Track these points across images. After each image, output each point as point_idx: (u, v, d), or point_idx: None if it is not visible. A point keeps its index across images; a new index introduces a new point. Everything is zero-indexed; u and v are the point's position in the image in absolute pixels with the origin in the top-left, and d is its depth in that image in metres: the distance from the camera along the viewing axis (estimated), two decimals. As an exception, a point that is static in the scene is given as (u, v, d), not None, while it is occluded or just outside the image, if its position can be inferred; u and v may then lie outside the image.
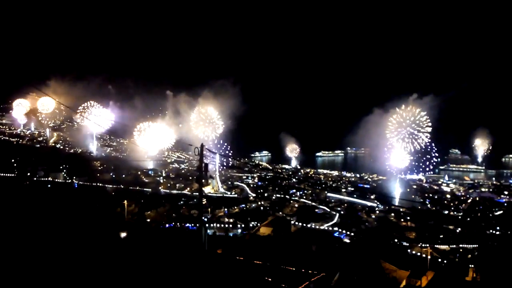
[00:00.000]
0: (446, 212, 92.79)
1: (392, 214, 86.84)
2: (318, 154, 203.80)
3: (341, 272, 31.48)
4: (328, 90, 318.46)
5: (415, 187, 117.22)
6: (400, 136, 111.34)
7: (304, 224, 77.02)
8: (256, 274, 25.24)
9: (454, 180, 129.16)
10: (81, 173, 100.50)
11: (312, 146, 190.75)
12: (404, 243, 69.16)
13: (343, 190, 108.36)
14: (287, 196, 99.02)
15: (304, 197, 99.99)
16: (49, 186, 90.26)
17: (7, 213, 35.64)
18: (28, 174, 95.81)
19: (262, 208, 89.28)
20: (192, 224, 69.29)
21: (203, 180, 25.19)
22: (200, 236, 24.11)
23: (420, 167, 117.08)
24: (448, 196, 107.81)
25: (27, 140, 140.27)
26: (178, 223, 72.20)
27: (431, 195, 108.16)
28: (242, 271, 26.16)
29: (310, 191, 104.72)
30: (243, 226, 75.20)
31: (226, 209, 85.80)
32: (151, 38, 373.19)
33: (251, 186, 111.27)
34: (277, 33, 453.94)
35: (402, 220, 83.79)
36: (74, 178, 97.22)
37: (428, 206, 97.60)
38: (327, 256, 39.32)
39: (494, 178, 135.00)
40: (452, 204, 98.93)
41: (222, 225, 75.96)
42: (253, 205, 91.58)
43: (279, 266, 27.83)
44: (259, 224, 69.09)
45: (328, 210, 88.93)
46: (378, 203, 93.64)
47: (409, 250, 65.71)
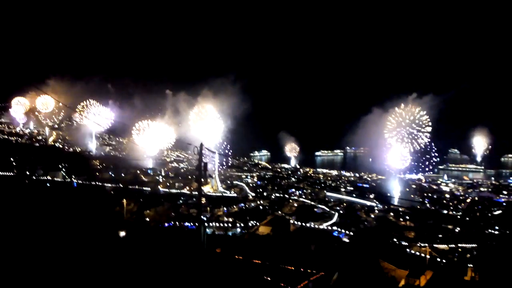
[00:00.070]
0: (445, 211, 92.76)
1: (391, 214, 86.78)
2: (317, 154, 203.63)
3: (340, 272, 31.58)
4: (327, 89, 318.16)
5: (414, 186, 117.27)
6: (399, 135, 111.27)
7: (303, 224, 77.05)
8: (255, 273, 25.27)
9: (453, 180, 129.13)
10: (80, 172, 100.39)
11: (312, 145, 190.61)
12: (403, 243, 69.12)
13: (342, 190, 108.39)
14: (286, 196, 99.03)
15: (303, 196, 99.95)
16: (48, 185, 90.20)
17: (6, 212, 35.64)
18: (27, 173, 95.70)
19: (261, 207, 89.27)
20: (191, 223, 69.28)
21: (202, 179, 25.11)
22: (199, 235, 24.10)
23: (419, 166, 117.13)
24: (447, 195, 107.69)
25: (26, 139, 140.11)
26: (177, 222, 72.23)
27: (430, 194, 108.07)
28: (241, 270, 26.19)
29: (309, 191, 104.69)
30: (242, 225, 75.25)
31: (225, 208, 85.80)
32: (150, 36, 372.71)
33: (251, 185, 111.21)
34: (276, 32, 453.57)
35: (401, 219, 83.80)
36: (73, 177, 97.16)
37: (427, 205, 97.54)
38: (326, 256, 39.48)
39: (493, 178, 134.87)
40: (451, 203, 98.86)
41: (221, 224, 76.00)
42: (252, 204, 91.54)
43: (278, 265, 27.90)
44: (258, 223, 69.13)
45: (327, 209, 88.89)
46: (377, 202, 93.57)
47: (408, 250, 65.76)
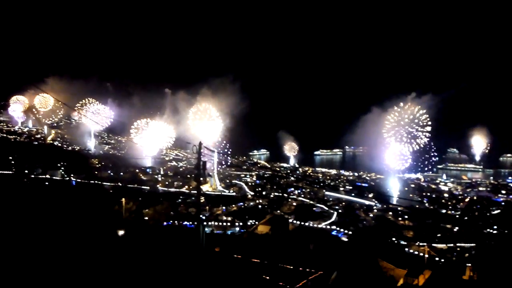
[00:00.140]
0: (444, 211, 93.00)
1: (390, 213, 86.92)
2: (316, 153, 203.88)
3: (338, 271, 31.59)
4: (326, 88, 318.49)
5: (413, 186, 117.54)
6: (397, 135, 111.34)
7: (302, 223, 77.12)
8: (254, 272, 25.26)
9: (452, 179, 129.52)
10: (79, 170, 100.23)
11: (311, 144, 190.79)
12: (402, 242, 69.30)
13: (341, 189, 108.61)
14: (285, 195, 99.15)
15: (302, 195, 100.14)
16: (46, 183, 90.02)
17: (4, 210, 35.57)
18: (26, 171, 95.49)
19: (260, 206, 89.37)
20: (190, 222, 69.28)
21: (201, 178, 25.09)
22: (198, 234, 24.05)
23: (418, 166, 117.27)
24: (445, 195, 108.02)
25: (24, 138, 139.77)
26: (176, 221, 72.25)
27: (429, 194, 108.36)
28: (240, 270, 26.19)
29: (308, 190, 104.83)
30: (241, 224, 75.33)
31: (224, 207, 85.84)
32: (149, 35, 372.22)
33: (249, 184, 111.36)
34: (275, 31, 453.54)
35: (400, 218, 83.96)
36: (72, 175, 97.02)
37: (426, 205, 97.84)
38: (324, 255, 39.44)
39: (491, 177, 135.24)
40: (449, 203, 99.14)
41: (220, 223, 76.08)
42: (251, 203, 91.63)
43: (277, 264, 27.88)
44: (257, 222, 69.31)
45: (326, 208, 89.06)
46: (376, 201, 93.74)
47: (406, 249, 65.90)
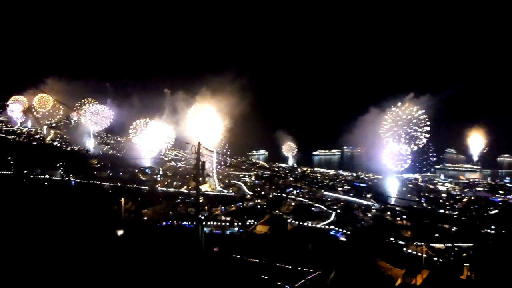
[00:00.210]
0: (442, 211, 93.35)
1: (388, 213, 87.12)
2: (315, 153, 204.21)
3: (337, 270, 31.80)
4: (325, 89, 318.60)
5: (411, 186, 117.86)
6: (395, 135, 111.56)
7: (301, 223, 77.28)
8: (253, 272, 25.42)
9: (450, 180, 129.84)
10: (78, 171, 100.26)
11: (309, 144, 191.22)
12: (400, 242, 69.55)
13: (340, 189, 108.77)
14: (283, 195, 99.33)
15: (301, 195, 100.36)
16: (45, 183, 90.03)
17: (3, 210, 35.69)
18: (25, 171, 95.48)
19: (259, 206, 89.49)
20: (189, 222, 69.46)
21: (200, 178, 25.25)
22: (197, 234, 24.20)
23: (416, 166, 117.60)
24: (443, 195, 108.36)
25: (23, 138, 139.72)
26: (175, 221, 72.37)
27: (426, 194, 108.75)
28: (238, 269, 26.36)
29: (306, 190, 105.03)
30: (240, 224, 75.46)
31: (223, 207, 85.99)
32: (148, 35, 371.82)
33: (248, 184, 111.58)
34: (273, 31, 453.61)
35: (398, 218, 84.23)
36: (71, 176, 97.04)
37: (424, 205, 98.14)
38: (323, 254, 39.70)
39: (489, 178, 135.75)
40: (447, 203, 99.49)
41: (219, 223, 76.17)
42: (250, 203, 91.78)
43: (275, 264, 28.05)
44: (255, 222, 69.45)
45: (325, 208, 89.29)
46: (374, 201, 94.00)
47: (404, 249, 66.13)
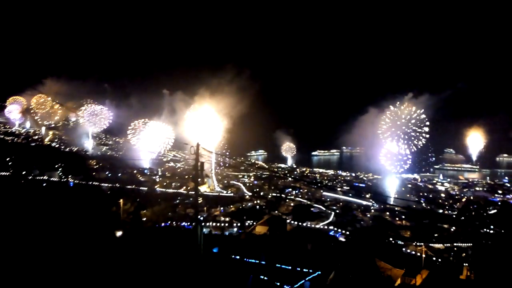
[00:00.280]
0: (441, 211, 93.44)
1: (387, 213, 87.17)
2: (314, 153, 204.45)
3: (336, 271, 31.74)
4: (324, 89, 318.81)
5: (410, 186, 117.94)
6: (394, 135, 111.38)
7: (300, 223, 77.17)
8: (252, 273, 25.35)
9: (449, 180, 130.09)
10: (76, 172, 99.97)
11: (308, 145, 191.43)
12: (399, 242, 69.47)
13: (339, 189, 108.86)
14: (283, 195, 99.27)
15: (300, 196, 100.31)
16: (44, 185, 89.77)
17: (2, 211, 35.54)
18: (23, 172, 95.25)
19: (258, 207, 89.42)
20: (188, 223, 69.28)
21: (199, 179, 25.17)
22: (196, 235, 24.12)
23: (415, 166, 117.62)
24: (442, 195, 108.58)
25: (22, 139, 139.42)
26: (174, 222, 72.16)
27: (426, 194, 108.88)
28: (237, 270, 26.28)
29: (305, 190, 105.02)
30: (239, 225, 75.24)
31: (222, 208, 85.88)
32: (146, 35, 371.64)
33: (247, 185, 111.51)
34: (272, 32, 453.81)
35: (397, 219, 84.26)
36: (70, 177, 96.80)
37: (423, 205, 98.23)
38: (322, 255, 39.61)
39: (488, 178, 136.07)
40: (446, 203, 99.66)
41: (218, 224, 76.03)
42: (249, 204, 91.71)
43: (275, 264, 28.00)
44: (255, 223, 69.37)
45: (324, 209, 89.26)
46: (373, 202, 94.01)
47: (404, 249, 66.04)
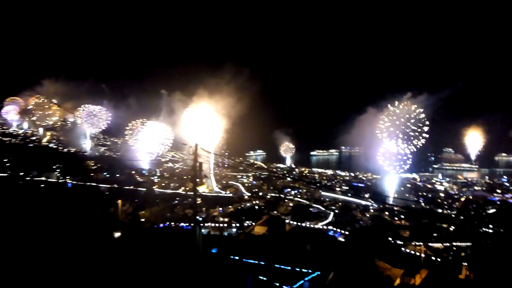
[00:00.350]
0: (440, 210, 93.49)
1: (386, 213, 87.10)
2: (312, 153, 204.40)
3: (335, 271, 31.58)
4: (322, 89, 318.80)
5: (409, 186, 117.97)
6: (393, 135, 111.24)
7: (299, 223, 77.05)
8: (251, 273, 25.22)
9: (448, 179, 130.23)
10: (74, 172, 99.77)
11: (307, 145, 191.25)
12: (398, 242, 69.38)
13: (338, 189, 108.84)
14: (281, 195, 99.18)
15: (299, 196, 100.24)
16: (42, 185, 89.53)
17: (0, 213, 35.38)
18: (21, 173, 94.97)
19: (256, 207, 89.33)
20: (187, 224, 69.13)
21: (198, 180, 25.07)
22: (194, 235, 24.01)
23: (414, 166, 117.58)
24: (441, 194, 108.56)
25: (20, 140, 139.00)
26: (173, 223, 72.00)
27: (425, 193, 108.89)
28: (236, 271, 26.14)
29: (304, 190, 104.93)
30: (237, 225, 75.08)
31: (220, 208, 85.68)
32: (145, 35, 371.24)
33: (246, 185, 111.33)
34: (271, 31, 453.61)
35: (396, 218, 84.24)
36: (68, 177, 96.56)
37: (422, 204, 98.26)
38: (321, 255, 39.48)
39: (487, 177, 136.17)
40: (445, 202, 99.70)
41: (217, 224, 75.88)
42: (247, 204, 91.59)
43: (274, 265, 27.88)
44: (253, 223, 69.25)
45: (323, 209, 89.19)
46: (372, 201, 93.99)
47: (403, 249, 65.92)
